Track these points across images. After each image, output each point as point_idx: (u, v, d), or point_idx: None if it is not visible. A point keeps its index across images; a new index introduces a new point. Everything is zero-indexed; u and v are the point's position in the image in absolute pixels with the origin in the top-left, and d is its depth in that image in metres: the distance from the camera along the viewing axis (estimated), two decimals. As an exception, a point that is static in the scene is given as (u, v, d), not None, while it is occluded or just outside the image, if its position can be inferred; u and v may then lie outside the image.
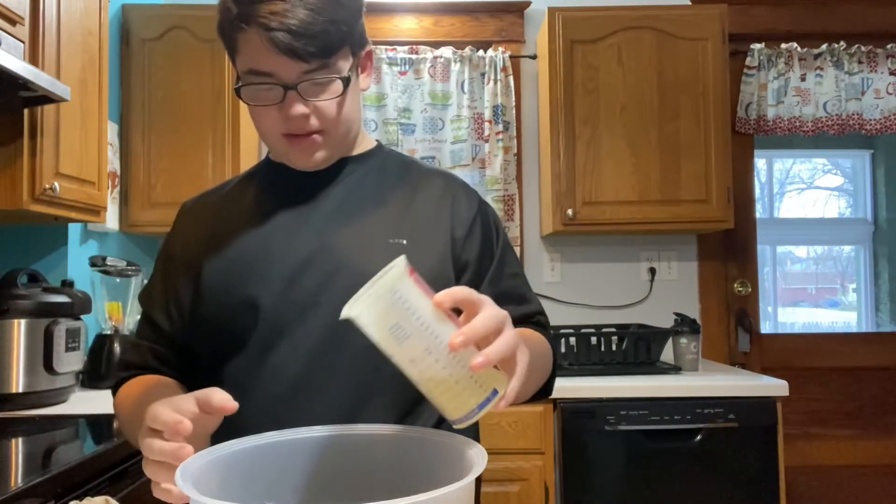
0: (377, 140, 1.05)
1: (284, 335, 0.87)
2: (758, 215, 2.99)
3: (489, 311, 0.61)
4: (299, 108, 0.85)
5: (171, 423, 0.64)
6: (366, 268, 0.88)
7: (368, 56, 0.96)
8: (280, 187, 0.96)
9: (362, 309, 0.58)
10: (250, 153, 2.69)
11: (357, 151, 1.00)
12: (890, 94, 2.85)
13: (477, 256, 0.95)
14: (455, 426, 0.63)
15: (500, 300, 0.93)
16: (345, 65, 0.87)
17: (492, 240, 0.98)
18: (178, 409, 0.66)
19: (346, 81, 0.86)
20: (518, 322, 0.92)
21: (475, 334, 0.58)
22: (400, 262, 0.59)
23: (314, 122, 0.87)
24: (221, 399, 0.66)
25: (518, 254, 2.76)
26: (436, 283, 0.89)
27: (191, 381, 0.95)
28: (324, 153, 0.91)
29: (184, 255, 0.97)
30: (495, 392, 0.60)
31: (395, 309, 0.58)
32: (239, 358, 0.89)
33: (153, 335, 0.98)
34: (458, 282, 0.94)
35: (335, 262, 0.89)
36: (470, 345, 0.58)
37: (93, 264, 2.26)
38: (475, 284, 0.94)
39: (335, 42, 0.83)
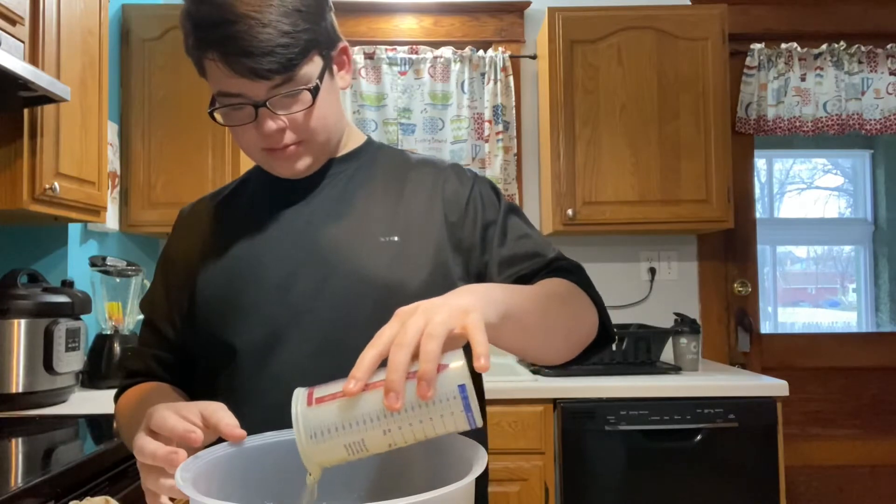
0: (367, 136, 1.04)
1: (281, 342, 0.86)
2: (758, 215, 2.99)
3: (398, 338, 0.57)
4: (272, 125, 0.84)
5: (181, 431, 0.63)
6: (358, 269, 0.87)
7: (343, 52, 0.93)
8: (271, 193, 0.96)
9: (314, 468, 0.59)
10: (250, 153, 2.69)
11: (344, 151, 0.99)
12: (890, 94, 2.85)
13: (481, 234, 0.93)
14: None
15: (512, 264, 0.91)
16: (313, 71, 0.85)
17: (494, 212, 0.95)
18: (184, 416, 0.65)
19: (315, 90, 0.85)
20: (532, 276, 0.89)
21: (397, 381, 0.55)
22: (294, 407, 0.58)
23: (290, 135, 0.86)
24: (230, 426, 0.65)
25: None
26: (434, 274, 0.89)
27: (190, 388, 0.95)
28: (306, 161, 0.90)
29: (182, 262, 0.97)
30: (462, 387, 0.57)
31: (331, 443, 0.57)
32: (236, 365, 0.88)
33: (156, 342, 0.98)
34: (467, 266, 0.92)
35: (328, 265, 0.88)
36: (402, 392, 0.55)
37: (93, 264, 2.26)
38: (485, 261, 0.92)
39: (296, 54, 0.81)
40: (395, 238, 0.90)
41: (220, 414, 0.66)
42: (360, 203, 0.93)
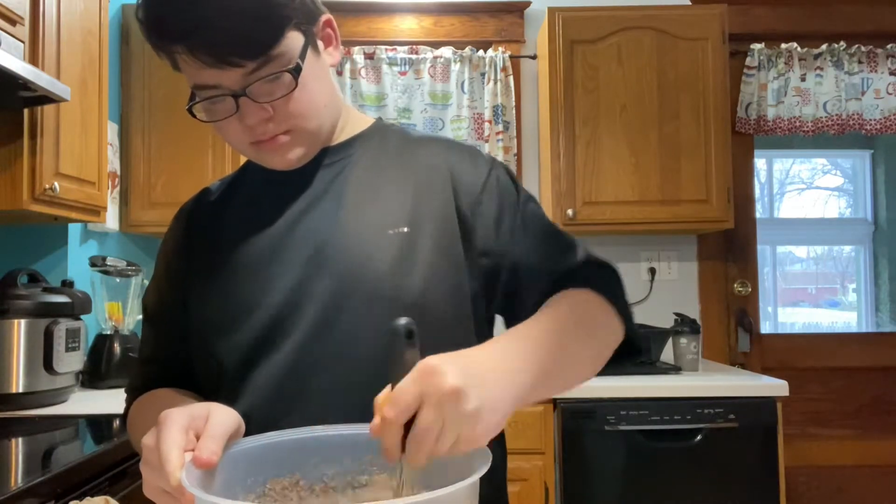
0: (377, 118, 0.95)
1: (279, 333, 0.80)
2: (758, 215, 2.99)
3: (422, 428, 0.57)
4: (256, 114, 0.77)
5: (176, 486, 0.57)
6: (363, 261, 0.80)
7: (327, 25, 0.85)
8: (267, 188, 0.89)
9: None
10: (250, 153, 2.69)
11: (343, 137, 0.90)
12: (890, 94, 2.85)
13: (495, 228, 0.85)
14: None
15: (531, 273, 0.85)
16: (292, 51, 0.77)
17: (511, 204, 0.87)
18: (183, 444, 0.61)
19: (296, 71, 0.77)
20: (557, 289, 0.84)
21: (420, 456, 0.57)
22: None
23: (276, 124, 0.79)
24: (210, 451, 0.60)
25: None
26: (441, 264, 0.81)
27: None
28: (298, 151, 0.83)
29: (182, 262, 0.91)
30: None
31: None
32: (223, 373, 0.83)
33: (162, 341, 0.92)
34: (477, 260, 0.85)
35: (327, 266, 0.81)
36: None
37: (93, 264, 2.26)
38: (498, 262, 0.85)
39: (269, 34, 0.74)
40: (405, 229, 0.81)
41: (205, 441, 0.61)
42: (363, 194, 0.85)
